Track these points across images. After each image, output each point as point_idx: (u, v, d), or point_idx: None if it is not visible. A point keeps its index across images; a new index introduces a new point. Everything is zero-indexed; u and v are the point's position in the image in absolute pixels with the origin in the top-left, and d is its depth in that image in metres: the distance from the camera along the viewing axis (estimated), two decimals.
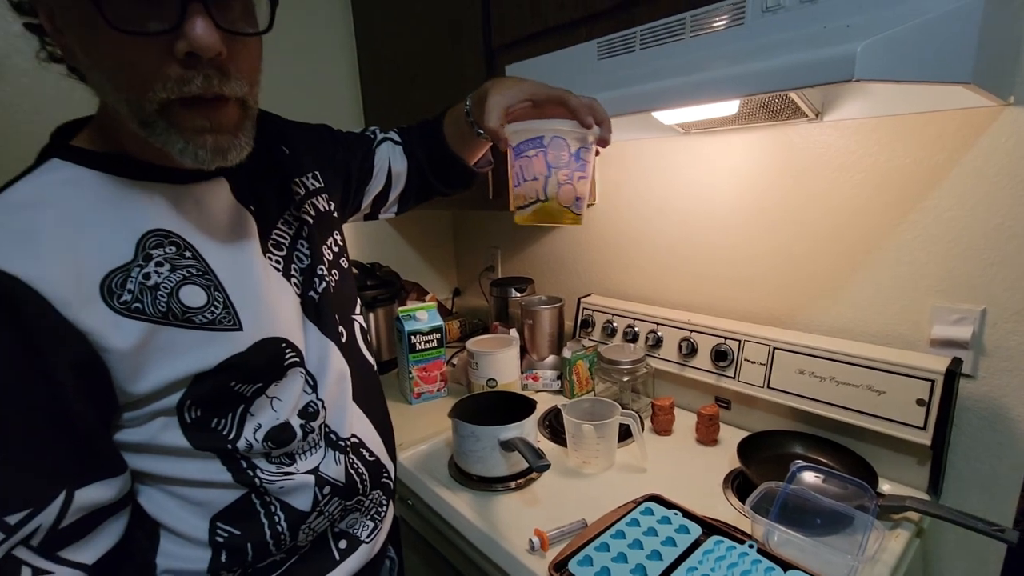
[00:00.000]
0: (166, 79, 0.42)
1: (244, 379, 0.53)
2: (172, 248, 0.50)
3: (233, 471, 0.55)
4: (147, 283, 0.48)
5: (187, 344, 0.50)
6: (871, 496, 0.73)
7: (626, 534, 0.73)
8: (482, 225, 1.74)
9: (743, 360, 1.01)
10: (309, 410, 0.59)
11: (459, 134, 0.77)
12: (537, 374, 1.27)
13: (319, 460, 0.61)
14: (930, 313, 0.85)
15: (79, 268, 0.45)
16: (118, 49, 0.42)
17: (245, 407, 0.54)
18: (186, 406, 0.51)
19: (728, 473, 0.91)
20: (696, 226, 1.14)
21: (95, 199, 0.48)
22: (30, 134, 1.05)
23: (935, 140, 0.82)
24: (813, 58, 0.52)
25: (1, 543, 0.44)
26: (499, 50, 1.08)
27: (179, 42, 0.42)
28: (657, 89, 0.69)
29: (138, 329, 0.47)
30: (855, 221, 0.92)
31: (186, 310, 0.50)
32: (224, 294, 0.53)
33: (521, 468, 0.91)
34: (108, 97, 0.46)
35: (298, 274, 0.62)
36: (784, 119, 0.92)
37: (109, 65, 0.43)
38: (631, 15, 0.84)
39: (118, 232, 0.48)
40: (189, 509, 0.54)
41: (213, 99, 0.45)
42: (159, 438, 0.51)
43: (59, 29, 0.45)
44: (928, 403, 0.80)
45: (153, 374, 0.48)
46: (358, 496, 0.65)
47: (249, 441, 0.54)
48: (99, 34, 0.41)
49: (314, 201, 0.67)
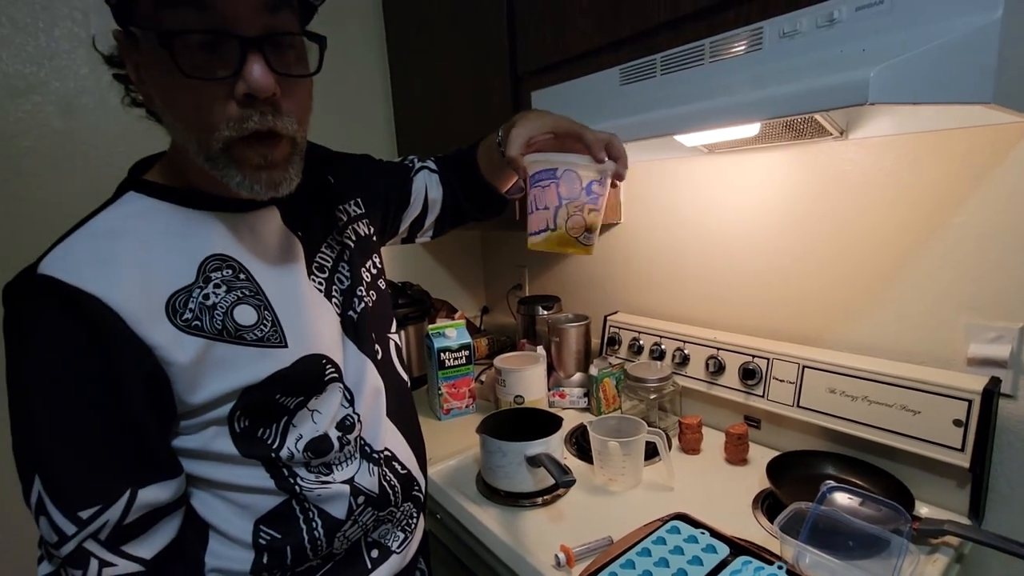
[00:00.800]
0: (229, 119, 0.48)
1: (288, 392, 0.57)
2: (229, 271, 0.56)
3: (276, 478, 0.58)
4: (206, 303, 0.53)
5: (239, 359, 0.54)
6: (906, 519, 0.71)
7: (652, 552, 0.73)
8: (510, 245, 1.78)
9: (772, 378, 1.00)
10: (346, 423, 0.63)
11: (491, 163, 0.81)
12: (564, 391, 1.29)
13: (354, 471, 0.64)
14: (965, 331, 0.83)
15: (149, 290, 0.50)
16: (190, 94, 0.47)
17: (288, 419, 0.58)
18: (236, 416, 0.55)
19: (758, 494, 0.90)
20: (722, 244, 1.15)
21: (164, 228, 0.54)
22: (96, 164, 1.16)
23: (964, 156, 0.81)
24: (828, 82, 0.54)
25: (74, 535, 0.48)
26: (524, 77, 1.13)
27: (239, 84, 0.47)
28: (679, 113, 0.71)
29: (197, 345, 0.52)
30: (883, 238, 0.91)
31: (239, 328, 0.55)
32: (272, 313, 0.57)
33: (547, 484, 0.92)
34: (179, 137, 0.52)
35: (339, 295, 0.67)
36: (808, 138, 0.93)
37: (182, 108, 0.49)
38: (652, 42, 0.86)
39: (183, 257, 0.53)
40: (236, 512, 0.58)
41: (267, 136, 0.50)
42: (211, 445, 0.55)
43: (142, 79, 0.52)
44: (965, 424, 0.77)
45: (208, 386, 0.52)
46: (390, 507, 0.68)
47: (291, 450, 0.58)
48: (175, 82, 0.47)
49: (355, 226, 0.73)
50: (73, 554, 0.48)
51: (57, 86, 1.11)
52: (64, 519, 0.48)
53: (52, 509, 0.48)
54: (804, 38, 0.64)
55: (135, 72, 0.52)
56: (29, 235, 1.10)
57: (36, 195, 1.11)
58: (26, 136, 1.09)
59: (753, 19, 0.71)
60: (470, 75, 1.25)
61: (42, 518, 0.48)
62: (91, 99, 1.15)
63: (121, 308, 0.48)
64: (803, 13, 0.64)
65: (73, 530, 0.48)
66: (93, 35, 0.55)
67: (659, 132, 0.74)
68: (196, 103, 0.48)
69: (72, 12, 1.12)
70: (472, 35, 1.22)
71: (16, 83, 1.07)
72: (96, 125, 1.16)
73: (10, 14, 1.06)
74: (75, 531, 0.48)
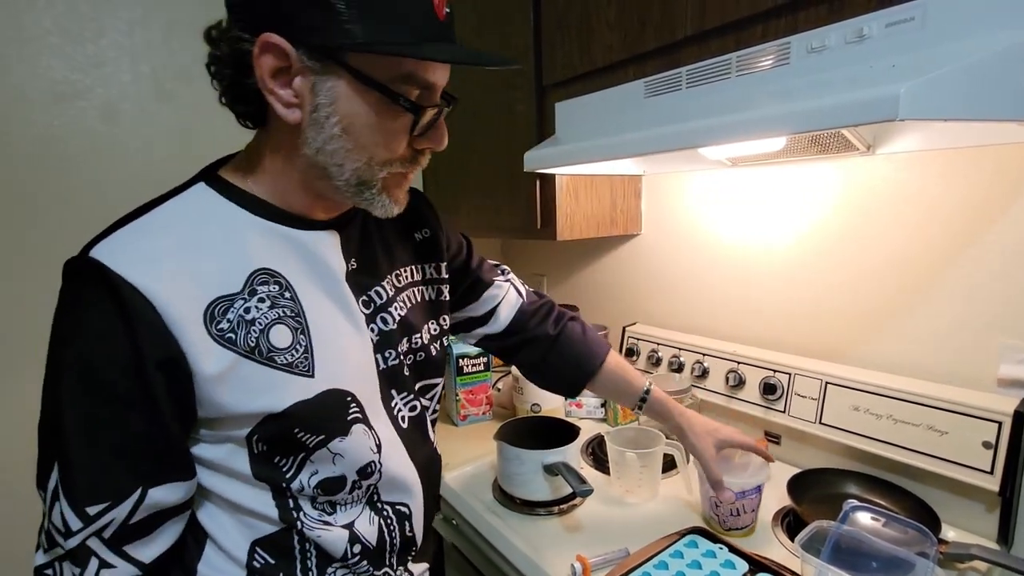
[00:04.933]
0: (402, 158, 0.54)
1: (307, 429, 0.55)
2: (276, 287, 0.54)
3: (280, 508, 0.57)
4: (246, 316, 0.52)
5: (263, 382, 0.52)
6: (932, 542, 0.69)
7: (669, 565, 0.73)
8: (529, 252, 1.79)
9: (793, 394, 0.99)
10: (368, 470, 0.60)
11: (617, 393, 0.90)
12: (581, 401, 1.28)
13: (355, 516, 0.61)
14: (995, 351, 0.82)
15: (193, 291, 0.49)
16: (383, 133, 0.51)
17: (306, 455, 0.56)
18: (254, 440, 0.53)
19: (778, 511, 0.89)
20: (743, 257, 1.14)
21: (219, 229, 0.53)
22: (134, 165, 1.20)
23: (996, 172, 0.80)
24: (857, 98, 0.54)
25: (78, 531, 0.47)
26: (549, 88, 1.14)
27: (420, 139, 0.54)
28: (704, 126, 0.71)
29: (226, 358, 0.50)
30: (911, 254, 0.90)
31: (271, 349, 0.53)
32: (308, 339, 0.55)
33: (564, 494, 0.92)
34: (327, 158, 0.52)
35: (381, 336, 0.64)
36: (834, 152, 0.92)
37: (367, 138, 0.51)
38: (678, 56, 0.87)
39: (234, 264, 0.52)
40: (236, 527, 0.56)
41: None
42: (228, 460, 0.54)
43: (318, 96, 0.50)
44: (995, 446, 0.76)
45: (228, 405, 0.51)
46: (385, 568, 0.64)
47: (302, 483, 0.56)
48: (375, 117, 0.50)
49: (424, 289, 0.72)
50: (75, 551, 0.47)
51: (101, 92, 1.16)
52: (72, 513, 0.47)
53: (63, 500, 0.47)
54: (832, 53, 0.64)
55: (308, 87, 0.49)
56: (73, 233, 1.15)
57: (80, 195, 1.16)
58: (71, 139, 1.14)
59: (781, 34, 0.71)
60: (494, 84, 1.27)
61: (56, 504, 0.47)
62: (131, 105, 1.20)
63: (161, 304, 0.47)
64: (832, 29, 0.64)
65: (79, 526, 0.47)
66: (208, 25, 0.52)
67: (684, 144, 0.74)
68: (385, 141, 0.52)
69: (118, 24, 1.17)
70: (498, 45, 1.24)
71: (63, 89, 1.12)
72: (135, 129, 1.21)
73: (62, 25, 1.11)
74: (80, 527, 0.47)
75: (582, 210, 1.23)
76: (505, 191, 1.29)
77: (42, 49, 1.10)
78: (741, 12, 0.77)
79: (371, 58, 0.48)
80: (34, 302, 1.12)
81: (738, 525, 0.82)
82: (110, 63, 1.17)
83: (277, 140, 0.54)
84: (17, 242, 1.11)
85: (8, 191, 1.09)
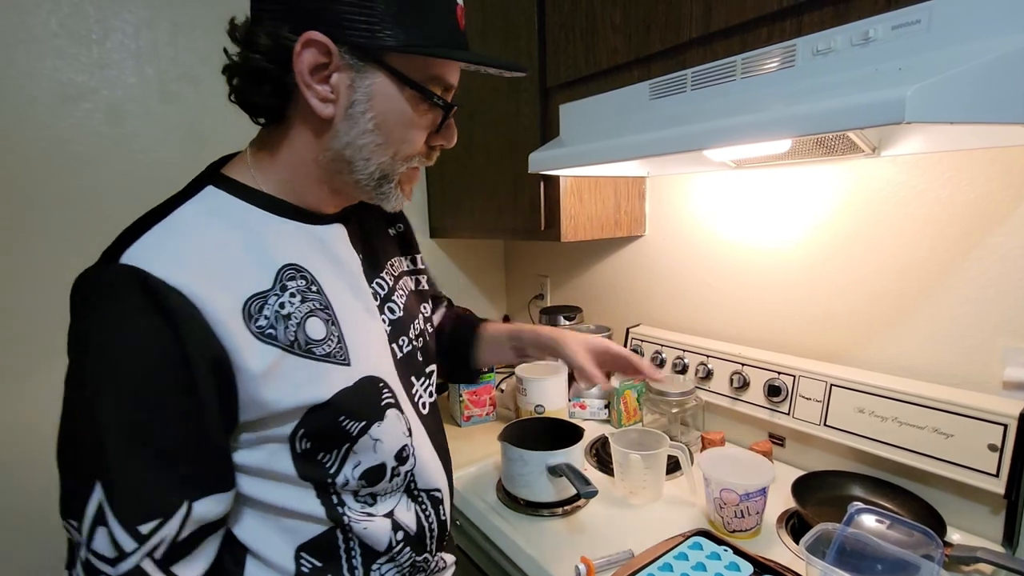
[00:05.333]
0: (420, 153, 0.58)
1: (351, 416, 0.56)
2: (303, 281, 0.55)
3: (326, 506, 0.57)
4: (281, 312, 0.52)
5: (306, 374, 0.53)
6: (938, 545, 0.69)
7: (674, 567, 0.73)
8: (532, 254, 1.79)
9: (798, 396, 0.99)
10: (403, 454, 0.62)
11: (497, 349, 0.89)
12: (584, 402, 1.29)
13: (394, 504, 0.62)
14: (1001, 354, 0.82)
15: (227, 289, 0.49)
16: (410, 129, 0.55)
17: (350, 445, 0.56)
18: (298, 436, 0.53)
19: (782, 513, 0.89)
20: (748, 258, 1.14)
21: (240, 229, 0.53)
22: (141, 167, 1.21)
23: (1001, 175, 0.80)
24: (863, 100, 0.54)
25: (132, 552, 0.45)
26: (553, 90, 1.15)
27: (436, 136, 0.58)
28: (710, 128, 0.71)
29: (270, 354, 0.50)
30: (916, 256, 0.90)
31: (309, 341, 0.54)
32: (339, 329, 0.57)
33: (568, 495, 0.92)
34: (355, 152, 0.54)
35: (389, 324, 0.66)
36: (839, 154, 0.92)
37: (396, 134, 0.55)
38: (683, 58, 0.87)
39: (261, 261, 0.53)
40: (279, 535, 0.56)
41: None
42: (269, 463, 0.53)
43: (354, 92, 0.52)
44: (1001, 449, 0.75)
45: (274, 401, 0.50)
46: (426, 553, 0.66)
47: (347, 476, 0.57)
48: (404, 114, 0.54)
49: (419, 277, 0.77)
50: (129, 573, 0.45)
51: (106, 94, 1.17)
52: (125, 534, 0.45)
53: (113, 522, 0.45)
54: (838, 56, 0.64)
55: (342, 76, 0.51)
56: (77, 234, 1.15)
57: (84, 196, 1.16)
58: (76, 140, 1.15)
59: (786, 37, 0.71)
60: (498, 85, 1.27)
61: (100, 529, 0.45)
62: (136, 106, 1.20)
63: (202, 304, 0.46)
64: (838, 31, 0.64)
65: (133, 546, 0.45)
66: (232, 17, 0.53)
67: (689, 147, 0.74)
68: (411, 137, 0.56)
69: (124, 26, 1.17)
70: (502, 47, 1.24)
71: (69, 90, 1.13)
72: (140, 131, 1.21)
73: (68, 26, 1.12)
74: (135, 547, 0.45)
75: (586, 212, 1.23)
76: (509, 192, 1.29)
77: (48, 50, 1.10)
78: (746, 14, 0.77)
79: (406, 59, 0.52)
80: (37, 303, 1.12)
81: (743, 527, 0.82)
82: (115, 65, 1.17)
83: (298, 134, 0.55)
84: (22, 242, 1.11)
85: (13, 192, 1.10)
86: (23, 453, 1.12)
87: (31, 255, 1.12)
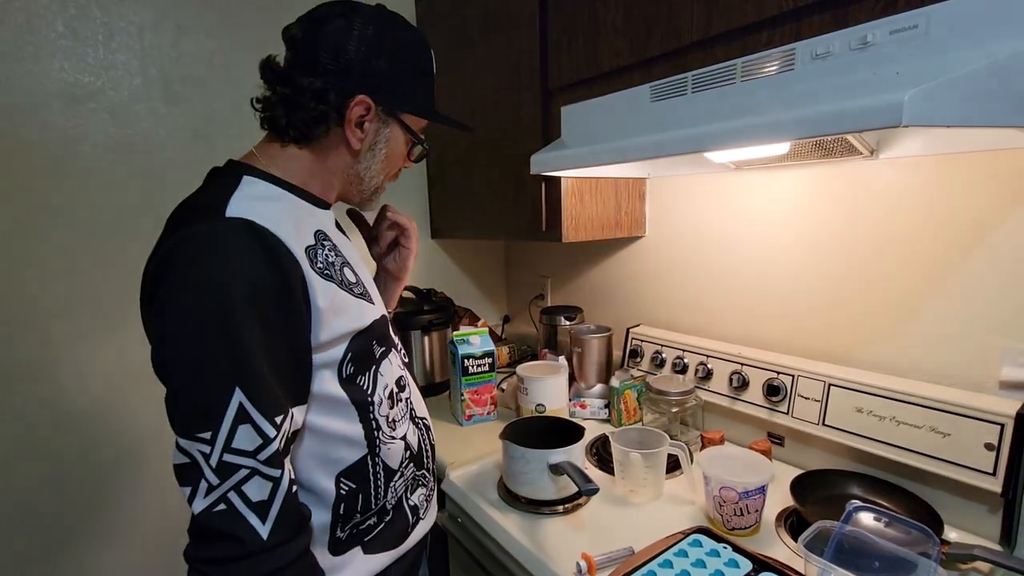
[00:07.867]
0: (397, 173, 0.79)
1: (379, 341, 0.73)
2: (329, 243, 0.70)
3: (366, 427, 0.70)
4: (327, 259, 0.68)
5: (351, 307, 0.68)
6: (935, 543, 0.70)
7: (673, 564, 0.74)
8: (533, 255, 1.80)
9: (797, 396, 1.00)
10: (401, 383, 0.78)
11: None
12: (585, 402, 1.29)
13: (406, 429, 0.77)
14: (997, 353, 0.82)
15: (295, 239, 0.62)
16: (401, 160, 0.77)
17: (376, 367, 0.72)
18: (346, 361, 0.67)
19: (781, 511, 0.89)
20: (747, 259, 1.15)
21: (280, 203, 0.66)
22: (144, 166, 1.22)
23: (998, 177, 0.81)
24: (861, 104, 0.55)
25: (274, 439, 0.57)
26: (555, 92, 1.15)
27: (406, 161, 0.78)
28: (710, 131, 0.72)
29: (330, 289, 0.65)
30: (914, 257, 0.91)
31: (347, 282, 0.70)
32: (359, 277, 0.74)
33: (569, 493, 0.93)
34: (367, 172, 0.74)
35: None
36: (837, 156, 0.93)
37: (394, 163, 0.76)
38: (684, 61, 0.88)
39: (301, 223, 0.66)
40: (324, 469, 0.67)
41: None
42: (324, 388, 0.65)
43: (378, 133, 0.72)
44: (997, 448, 0.76)
45: (333, 328, 0.65)
46: (424, 469, 0.81)
47: (380, 397, 0.72)
48: (403, 148, 0.76)
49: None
50: (272, 457, 0.56)
51: (112, 95, 1.18)
52: (267, 423, 0.56)
53: (257, 415, 0.55)
54: (837, 60, 0.65)
55: (373, 125, 0.71)
56: (82, 233, 1.16)
57: (90, 195, 1.17)
58: (82, 140, 1.16)
59: (786, 40, 0.72)
60: (501, 88, 1.28)
61: (241, 427, 0.55)
62: (142, 107, 1.21)
63: (291, 247, 0.60)
64: (836, 36, 0.65)
65: (274, 433, 0.57)
66: (273, 56, 0.69)
67: (690, 149, 0.75)
68: (397, 164, 0.77)
69: (128, 27, 1.18)
70: (504, 49, 1.25)
71: (75, 91, 1.14)
72: (145, 131, 1.22)
73: (74, 27, 1.13)
74: (275, 434, 0.57)
75: (587, 212, 1.24)
76: (510, 193, 1.30)
77: (54, 51, 1.11)
78: (747, 18, 0.78)
79: (411, 117, 0.74)
80: (41, 300, 1.13)
81: (742, 525, 0.83)
82: (120, 66, 1.18)
83: (326, 154, 0.71)
84: (28, 241, 1.12)
85: (20, 191, 1.10)
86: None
87: (36, 252, 1.13)
